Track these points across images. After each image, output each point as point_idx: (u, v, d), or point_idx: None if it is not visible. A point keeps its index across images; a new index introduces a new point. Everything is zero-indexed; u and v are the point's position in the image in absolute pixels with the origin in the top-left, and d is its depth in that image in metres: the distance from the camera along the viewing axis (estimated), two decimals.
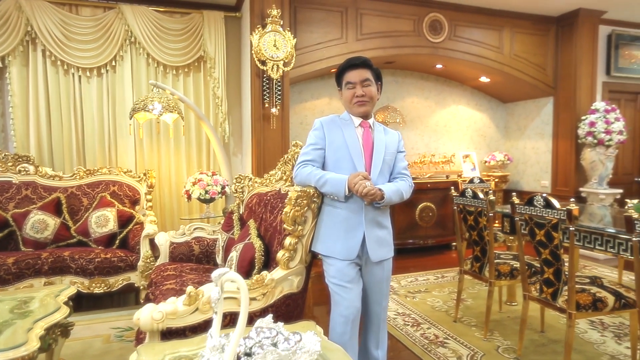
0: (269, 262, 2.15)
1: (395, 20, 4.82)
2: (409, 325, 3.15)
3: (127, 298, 3.80)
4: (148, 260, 3.40)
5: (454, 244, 5.47)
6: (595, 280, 2.51)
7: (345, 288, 1.90)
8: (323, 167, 1.98)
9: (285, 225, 1.90)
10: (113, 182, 4.01)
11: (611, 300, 2.31)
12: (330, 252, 1.93)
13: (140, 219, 3.82)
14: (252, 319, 1.79)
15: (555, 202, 2.33)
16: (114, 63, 4.44)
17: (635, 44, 5.82)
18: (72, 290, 2.43)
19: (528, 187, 6.09)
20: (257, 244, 2.13)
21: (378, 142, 1.96)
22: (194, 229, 3.28)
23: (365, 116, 1.98)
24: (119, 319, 3.26)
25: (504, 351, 2.73)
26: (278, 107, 4.04)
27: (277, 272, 1.89)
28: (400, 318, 3.29)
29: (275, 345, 1.26)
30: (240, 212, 3.09)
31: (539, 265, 2.83)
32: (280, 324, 1.41)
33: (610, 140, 4.96)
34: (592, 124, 5.01)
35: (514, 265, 2.93)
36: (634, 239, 1.99)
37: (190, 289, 1.65)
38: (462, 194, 3.06)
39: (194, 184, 3.95)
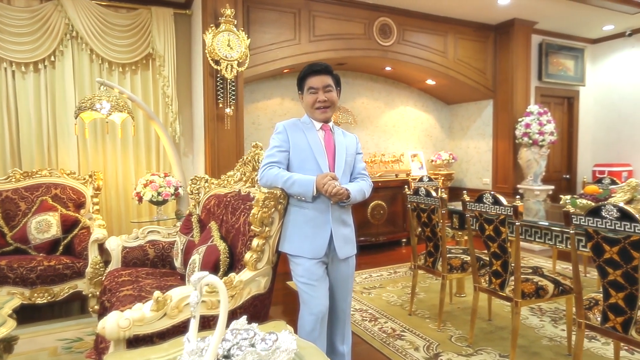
0: (233, 264, 2.14)
1: (347, 23, 4.92)
2: (367, 320, 3.25)
3: (71, 307, 3.58)
4: (97, 267, 3.24)
5: (404, 240, 5.68)
6: (536, 270, 2.73)
7: (314, 286, 1.93)
8: (287, 169, 2.00)
9: (252, 227, 1.90)
10: (55, 184, 3.77)
11: (551, 288, 2.53)
12: (298, 251, 1.96)
13: (86, 223, 3.62)
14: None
15: (503, 199, 2.51)
16: (52, 58, 4.16)
17: (562, 52, 6.35)
18: (16, 302, 2.27)
19: (471, 184, 6.45)
20: (221, 246, 2.11)
21: (339, 144, 2.03)
22: (148, 233, 3.16)
23: (326, 120, 2.04)
24: (65, 329, 3.07)
25: (456, 340, 2.90)
26: (232, 108, 3.99)
27: (245, 274, 1.88)
28: (358, 314, 3.38)
29: (253, 346, 1.27)
30: (197, 214, 3.03)
31: (487, 258, 3.02)
32: (254, 324, 1.41)
33: (543, 140, 5.37)
34: (527, 126, 5.41)
35: (465, 259, 3.11)
36: (571, 231, 2.20)
37: (157, 294, 1.61)
38: (416, 192, 3.19)
39: (145, 185, 3.81)
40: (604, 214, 2.01)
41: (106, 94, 3.61)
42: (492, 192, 2.59)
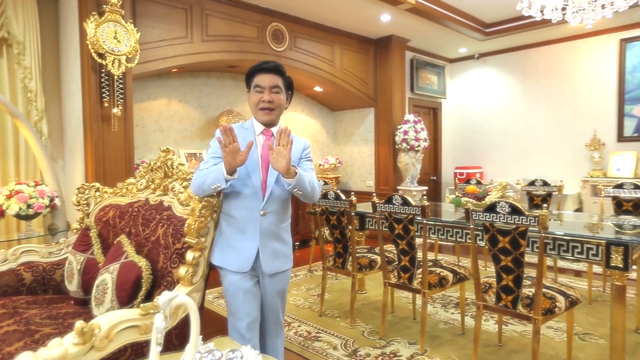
0: (155, 281, 1.93)
1: (241, 26, 4.83)
2: None
3: None
4: None
5: (297, 243, 5.76)
6: (436, 263, 3.04)
7: (240, 299, 1.85)
8: None
9: (187, 238, 1.74)
10: None
11: (451, 277, 2.84)
12: (224, 263, 1.85)
13: None
14: None
15: (411, 200, 2.74)
16: None
17: (428, 68, 7.18)
18: None
19: (356, 187, 6.86)
20: (142, 262, 1.88)
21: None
22: (22, 253, 2.66)
23: (270, 124, 1.95)
24: None
25: (369, 334, 3.05)
26: (120, 108, 3.59)
27: (180, 290, 1.71)
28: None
29: None
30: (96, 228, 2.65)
31: (391, 255, 3.26)
32: (211, 344, 1.32)
33: (419, 146, 6.00)
34: (405, 133, 5.98)
35: (372, 258, 3.29)
36: (471, 226, 2.51)
37: (81, 323, 1.37)
38: (325, 196, 3.28)
39: (9, 197, 3.19)
40: (498, 210, 2.34)
41: None
42: (401, 194, 2.81)
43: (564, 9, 3.06)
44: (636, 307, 3.06)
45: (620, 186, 3.75)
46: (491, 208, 2.37)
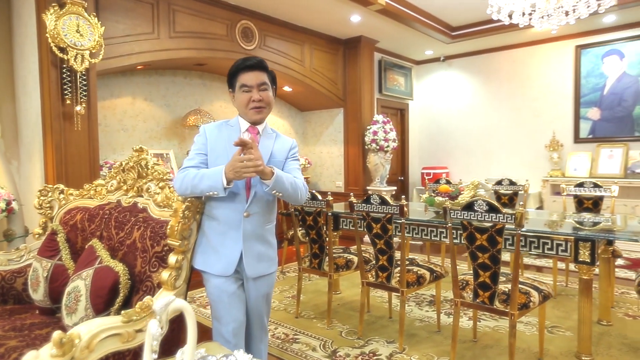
0: (133, 286, 1.83)
1: (209, 22, 4.71)
2: None
3: None
4: None
5: None
6: (412, 261, 3.07)
7: (224, 303, 1.80)
8: None
9: (169, 241, 1.65)
10: None
11: (428, 275, 2.88)
12: (207, 267, 1.79)
13: None
14: (136, 358, 1.51)
15: (389, 200, 2.75)
16: None
17: (395, 69, 7.28)
18: None
19: (325, 187, 6.85)
20: (119, 266, 1.77)
21: (264, 148, 1.87)
22: None
23: (258, 122, 1.90)
24: None
25: (347, 334, 3.05)
26: (84, 105, 3.40)
27: (163, 295, 1.63)
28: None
29: None
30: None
31: (367, 255, 3.26)
32: (202, 349, 1.27)
33: (388, 146, 6.07)
34: (375, 133, 6.03)
35: (348, 258, 3.29)
36: (449, 224, 2.55)
37: (59, 334, 1.26)
38: None
39: None
40: (476, 208, 2.39)
41: None
42: (378, 194, 2.81)
43: (530, 14, 3.18)
44: (599, 300, 3.21)
45: (581, 185, 3.94)
46: (469, 206, 2.42)
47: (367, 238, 3.58)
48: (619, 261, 4.78)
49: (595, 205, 3.89)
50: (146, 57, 4.18)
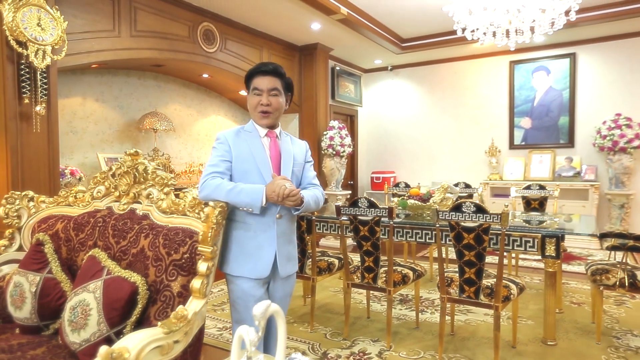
0: (150, 297, 1.74)
1: (171, 23, 4.54)
2: None
3: None
4: None
5: None
6: (394, 262, 3.20)
7: (249, 308, 1.80)
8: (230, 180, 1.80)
9: (202, 247, 1.60)
10: None
11: (412, 274, 3.03)
12: (240, 272, 1.80)
13: None
14: None
15: (377, 203, 2.86)
16: None
17: (346, 77, 7.49)
18: None
19: None
20: (135, 277, 1.68)
21: (285, 152, 1.92)
22: None
23: (271, 126, 1.91)
24: None
25: (331, 336, 3.10)
26: (44, 105, 3.13)
27: (195, 304, 1.57)
28: (226, 332, 3.18)
29: None
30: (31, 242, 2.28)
31: (349, 257, 3.34)
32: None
33: (344, 151, 6.22)
34: (331, 138, 6.16)
35: (330, 261, 3.34)
36: (437, 225, 2.71)
37: (106, 349, 1.19)
38: None
39: None
40: (464, 209, 2.57)
41: None
42: (366, 197, 2.91)
43: (494, 33, 3.49)
44: (557, 291, 3.57)
45: (528, 187, 4.36)
46: (457, 208, 2.60)
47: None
48: None
49: (541, 205, 4.32)
50: (106, 56, 3.94)
